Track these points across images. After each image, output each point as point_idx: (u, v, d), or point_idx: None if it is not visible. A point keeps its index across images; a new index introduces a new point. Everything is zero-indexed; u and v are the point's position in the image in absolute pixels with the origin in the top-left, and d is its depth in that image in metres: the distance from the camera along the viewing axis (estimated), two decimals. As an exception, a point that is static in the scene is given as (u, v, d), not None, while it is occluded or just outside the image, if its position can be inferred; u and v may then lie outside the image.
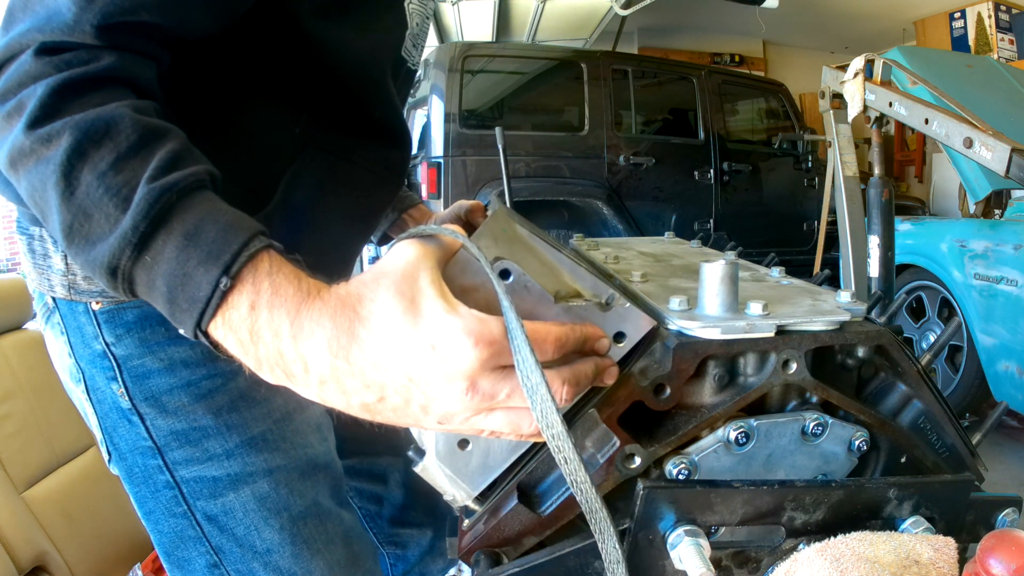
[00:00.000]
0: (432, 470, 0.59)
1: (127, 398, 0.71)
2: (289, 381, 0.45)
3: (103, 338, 0.70)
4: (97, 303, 0.69)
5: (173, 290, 0.44)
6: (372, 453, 1.04)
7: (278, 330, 0.43)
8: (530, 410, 0.44)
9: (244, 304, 0.44)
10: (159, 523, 0.74)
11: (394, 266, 0.45)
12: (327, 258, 0.77)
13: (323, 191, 0.75)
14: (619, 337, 0.57)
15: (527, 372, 0.43)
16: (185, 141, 0.49)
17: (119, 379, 0.71)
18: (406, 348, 0.43)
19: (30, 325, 1.50)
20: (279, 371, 0.45)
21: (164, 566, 0.77)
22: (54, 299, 0.72)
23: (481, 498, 0.61)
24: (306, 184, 0.73)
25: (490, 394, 0.44)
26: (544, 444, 0.59)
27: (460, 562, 0.64)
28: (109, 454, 0.76)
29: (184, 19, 0.54)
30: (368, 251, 3.66)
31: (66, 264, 0.70)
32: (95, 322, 0.70)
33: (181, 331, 0.46)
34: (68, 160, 0.45)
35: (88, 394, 0.73)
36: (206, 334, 0.45)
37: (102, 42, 0.48)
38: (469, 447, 0.58)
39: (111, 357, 0.70)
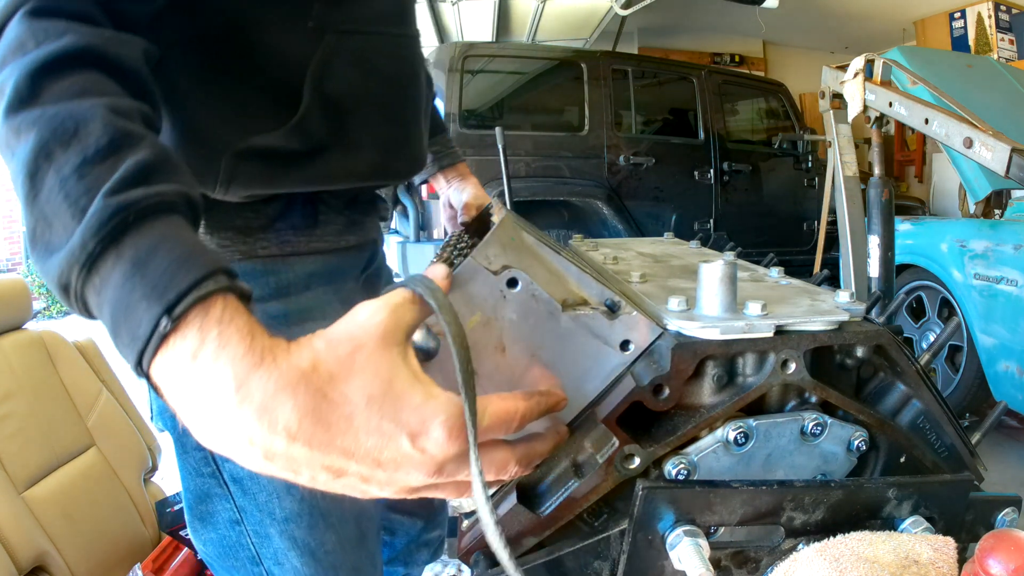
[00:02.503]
0: None
1: None
2: (223, 448, 0.39)
3: None
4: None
5: (116, 321, 0.39)
6: None
7: (220, 392, 0.38)
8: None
9: (186, 352, 0.38)
10: (188, 479, 0.76)
11: (365, 338, 0.41)
12: (389, 138, 0.77)
13: (355, 73, 0.71)
14: (625, 345, 0.57)
15: (474, 465, 0.43)
16: (161, 152, 0.44)
17: None
18: (381, 438, 0.40)
19: (30, 325, 1.50)
20: (215, 436, 0.39)
21: (187, 520, 0.80)
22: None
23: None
24: (336, 74, 0.69)
25: (450, 474, 0.43)
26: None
27: (460, 562, 0.64)
28: (151, 412, 0.80)
29: None
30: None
31: None
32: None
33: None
34: (34, 159, 0.41)
35: None
36: (147, 375, 0.40)
37: (79, 5, 0.45)
38: None
39: None
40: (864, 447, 0.62)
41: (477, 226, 0.91)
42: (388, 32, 0.77)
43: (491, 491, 0.55)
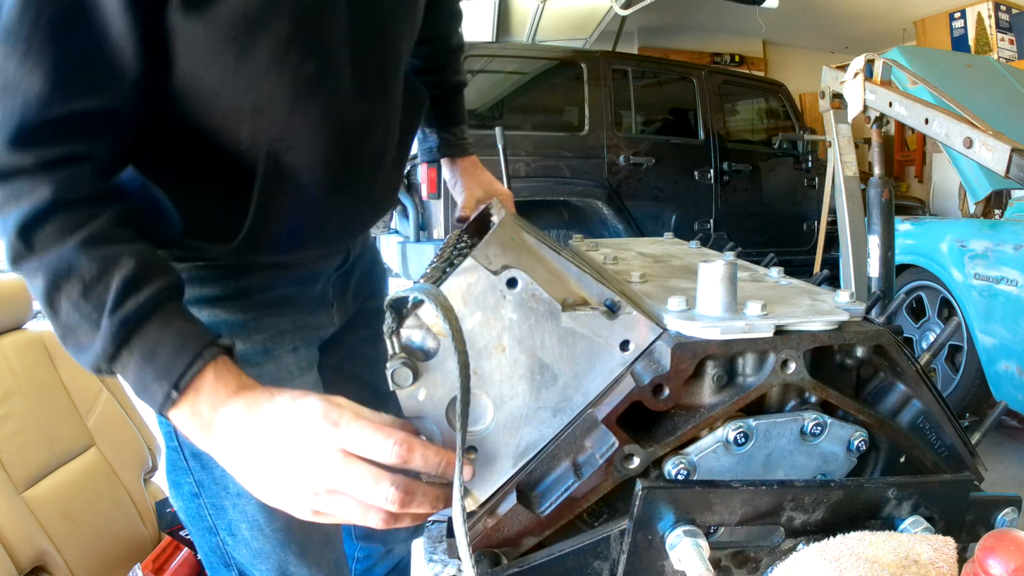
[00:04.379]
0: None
1: None
2: (220, 461, 0.60)
3: None
4: None
5: (139, 391, 0.59)
6: None
7: (205, 432, 0.59)
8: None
9: (187, 408, 0.58)
10: (166, 451, 0.88)
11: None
12: (342, 217, 0.86)
13: (295, 183, 0.76)
14: (625, 345, 0.57)
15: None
16: (139, 258, 0.59)
17: None
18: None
19: (30, 325, 1.50)
20: (216, 453, 0.59)
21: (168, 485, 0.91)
22: None
23: (486, 502, 0.61)
24: (275, 189, 0.74)
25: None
26: (551, 443, 0.59)
27: (460, 562, 0.64)
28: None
29: (85, 95, 0.59)
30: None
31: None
32: None
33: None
34: (48, 294, 0.57)
35: None
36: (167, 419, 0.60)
37: (32, 160, 0.56)
38: (475, 454, 0.58)
39: None
40: (864, 447, 0.62)
41: (477, 226, 0.91)
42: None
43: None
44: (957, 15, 5.79)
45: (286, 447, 0.54)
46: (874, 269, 2.15)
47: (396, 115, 0.87)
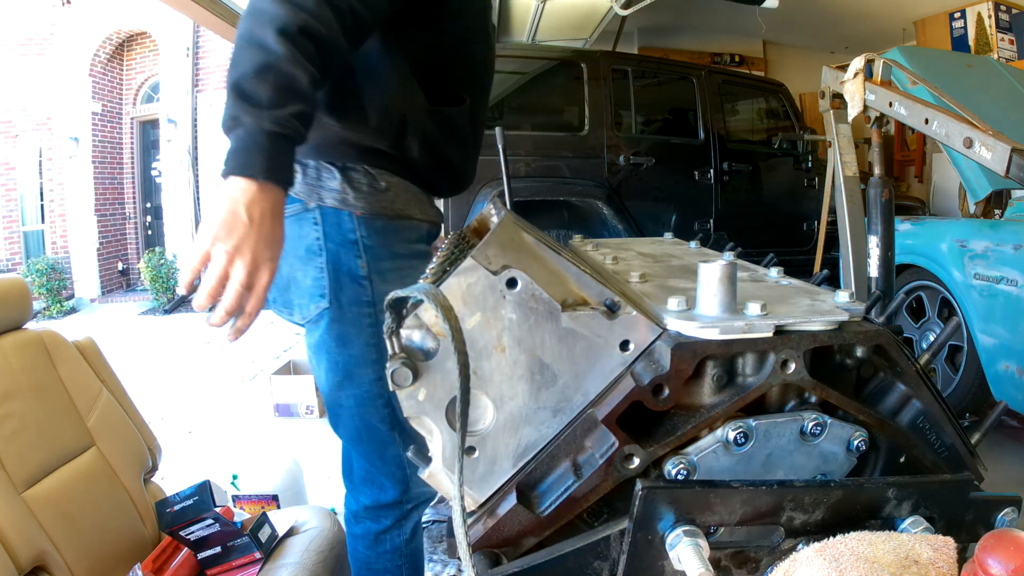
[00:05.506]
0: (439, 476, 0.60)
1: (365, 269, 1.10)
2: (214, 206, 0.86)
3: (358, 232, 1.09)
4: (359, 212, 1.09)
5: (231, 154, 0.86)
6: None
7: (237, 200, 0.85)
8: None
9: (240, 182, 0.85)
10: (352, 348, 1.12)
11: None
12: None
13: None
14: (625, 345, 0.57)
15: None
16: (312, 96, 0.88)
17: (363, 257, 1.10)
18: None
19: (30, 325, 1.50)
20: (218, 201, 0.85)
21: (342, 382, 1.15)
22: (319, 206, 1.09)
23: (485, 503, 0.61)
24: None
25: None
26: (551, 444, 0.59)
27: (460, 562, 0.64)
28: (329, 303, 1.11)
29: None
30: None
31: (342, 187, 1.09)
32: (355, 223, 1.09)
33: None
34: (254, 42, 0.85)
35: (327, 263, 1.10)
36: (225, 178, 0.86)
37: (325, 10, 0.86)
38: (475, 454, 0.58)
39: (360, 244, 1.10)
40: (864, 447, 0.62)
41: (477, 226, 0.91)
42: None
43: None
44: (957, 15, 5.79)
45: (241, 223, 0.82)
46: (874, 269, 2.15)
47: None
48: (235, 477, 2.21)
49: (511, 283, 0.52)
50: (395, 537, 1.27)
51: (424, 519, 2.35)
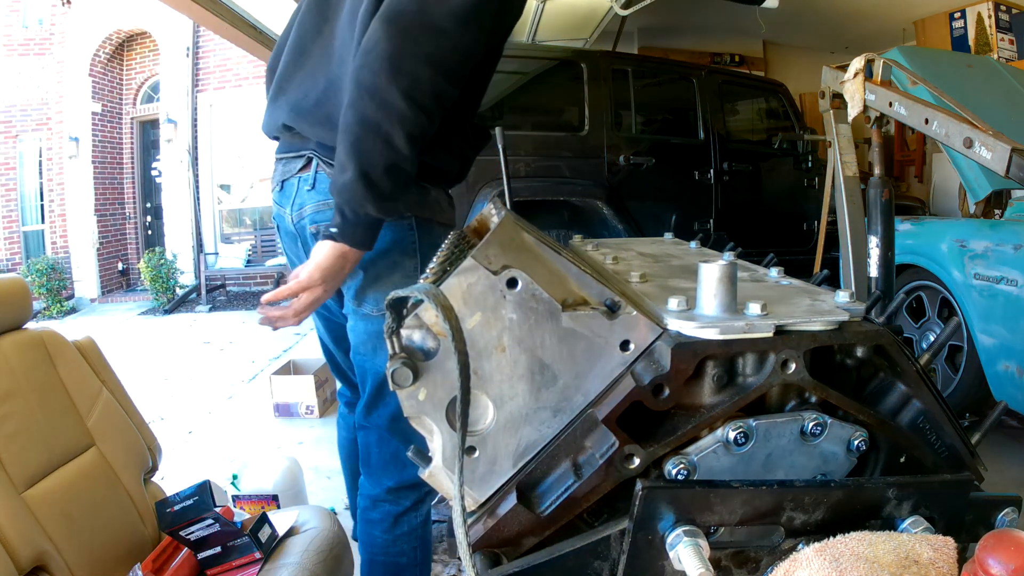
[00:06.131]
0: (439, 476, 0.60)
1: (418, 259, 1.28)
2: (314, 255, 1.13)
3: (440, 238, 1.11)
4: (440, 221, 1.29)
5: (343, 227, 1.08)
6: None
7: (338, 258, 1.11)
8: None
9: (340, 248, 1.10)
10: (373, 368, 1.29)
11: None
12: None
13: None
14: (625, 345, 0.57)
15: None
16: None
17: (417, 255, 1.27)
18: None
19: (30, 325, 1.50)
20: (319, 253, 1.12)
21: (367, 408, 1.35)
22: (415, 216, 1.25)
23: (486, 503, 0.61)
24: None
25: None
26: (551, 444, 0.59)
27: (460, 562, 0.64)
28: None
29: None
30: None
31: (430, 201, 1.26)
32: (436, 231, 1.26)
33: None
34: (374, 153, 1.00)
35: (419, 263, 1.25)
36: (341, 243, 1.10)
37: (437, 109, 1.01)
38: (476, 454, 0.58)
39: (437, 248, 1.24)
40: (864, 447, 0.62)
41: (477, 227, 0.91)
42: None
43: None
44: (957, 15, 5.79)
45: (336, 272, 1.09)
46: (874, 269, 2.15)
47: None
48: (235, 477, 2.22)
49: (511, 283, 0.52)
50: (412, 519, 1.37)
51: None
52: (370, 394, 1.33)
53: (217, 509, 1.39)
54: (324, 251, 1.07)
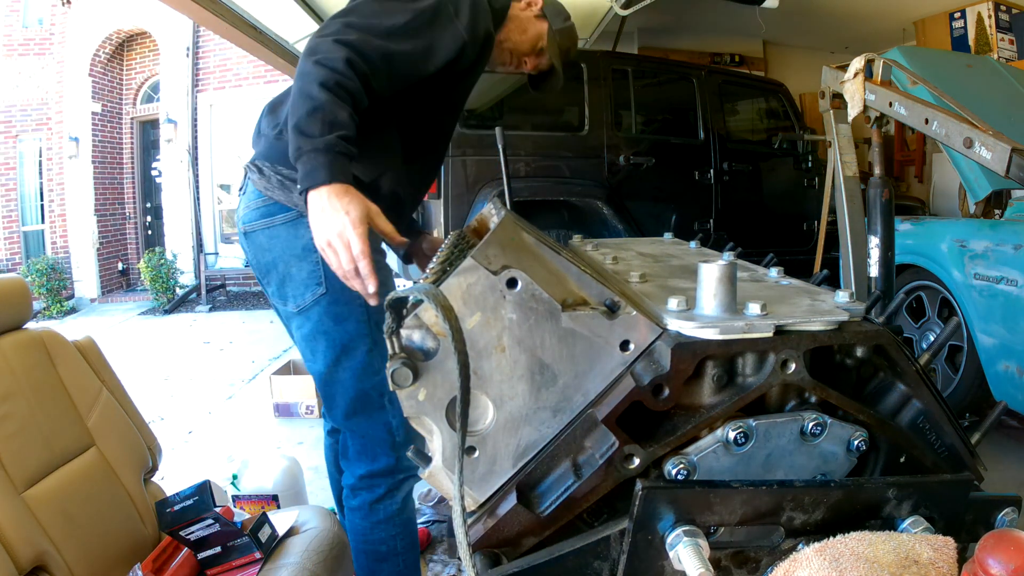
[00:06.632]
0: (439, 476, 0.60)
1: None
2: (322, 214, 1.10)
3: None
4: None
5: (302, 175, 1.09)
6: None
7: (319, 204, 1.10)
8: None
9: (315, 194, 1.09)
10: (347, 324, 1.33)
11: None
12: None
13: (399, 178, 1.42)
14: (625, 345, 0.57)
15: None
16: (351, 126, 1.14)
17: None
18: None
19: (30, 325, 1.50)
20: (310, 205, 1.12)
21: (339, 357, 1.35)
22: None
23: (485, 503, 0.61)
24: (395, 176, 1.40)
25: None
26: (552, 444, 0.59)
27: (460, 562, 0.64)
28: (326, 288, 1.32)
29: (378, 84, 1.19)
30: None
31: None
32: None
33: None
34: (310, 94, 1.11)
35: (321, 257, 1.21)
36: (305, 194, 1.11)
37: (351, 72, 1.13)
38: (476, 454, 0.58)
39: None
40: (864, 447, 0.62)
41: (477, 227, 0.91)
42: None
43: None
44: (957, 15, 5.78)
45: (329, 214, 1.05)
46: (874, 269, 2.15)
47: None
48: (235, 477, 2.21)
49: (511, 283, 0.52)
50: (388, 506, 1.43)
51: (424, 519, 2.35)
52: (322, 395, 1.42)
53: (217, 509, 1.39)
54: (309, 212, 1.10)
